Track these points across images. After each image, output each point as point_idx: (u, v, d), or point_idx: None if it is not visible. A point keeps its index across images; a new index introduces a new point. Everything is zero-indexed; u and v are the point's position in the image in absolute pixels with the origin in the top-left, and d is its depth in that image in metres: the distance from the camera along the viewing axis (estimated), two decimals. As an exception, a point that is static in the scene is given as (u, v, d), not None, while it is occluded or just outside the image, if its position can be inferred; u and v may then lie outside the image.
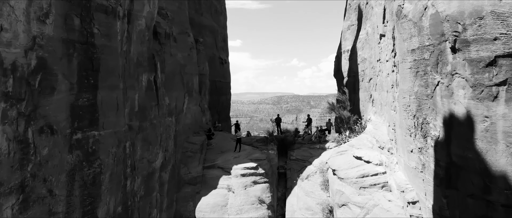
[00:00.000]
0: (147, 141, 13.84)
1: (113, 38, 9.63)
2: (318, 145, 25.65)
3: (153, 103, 14.65)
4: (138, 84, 12.67)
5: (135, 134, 12.10)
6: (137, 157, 12.21)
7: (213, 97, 36.66)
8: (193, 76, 26.21)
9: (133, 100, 12.24)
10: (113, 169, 9.48)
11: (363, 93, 26.85)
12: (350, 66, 33.03)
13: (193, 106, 26.00)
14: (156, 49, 15.87)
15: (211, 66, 36.98)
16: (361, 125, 25.49)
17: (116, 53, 9.76)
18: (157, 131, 15.05)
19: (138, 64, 12.48)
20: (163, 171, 15.90)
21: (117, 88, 9.88)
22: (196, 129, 26.19)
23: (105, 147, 9.40)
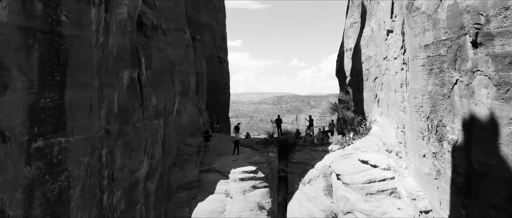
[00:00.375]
0: (129, 148, 12.44)
1: (86, 27, 8.28)
2: (321, 147, 24.49)
3: (136, 104, 13.21)
4: (118, 81, 11.31)
5: (114, 140, 10.77)
6: (116, 167, 10.81)
7: (211, 97, 35.50)
8: (190, 75, 25.05)
9: (112, 100, 10.94)
10: (85, 182, 8.14)
11: (367, 93, 25.68)
12: (353, 65, 31.87)
13: (189, 107, 24.84)
14: (141, 42, 14.36)
15: (210, 65, 35.83)
16: (365, 127, 24.33)
17: (89, 45, 8.40)
18: (141, 135, 13.64)
19: (118, 59, 11.08)
20: (148, 181, 14.41)
21: (90, 86, 8.54)
22: (193, 130, 25.02)
23: (75, 156, 8.03)
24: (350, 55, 34.57)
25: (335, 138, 24.33)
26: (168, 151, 18.65)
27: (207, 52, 35.37)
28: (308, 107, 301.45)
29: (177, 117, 23.29)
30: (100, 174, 8.92)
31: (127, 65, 12.23)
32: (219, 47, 40.08)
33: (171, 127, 19.66)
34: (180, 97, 23.87)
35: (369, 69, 24.93)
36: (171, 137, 20.12)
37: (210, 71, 35.94)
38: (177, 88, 23.34)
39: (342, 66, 37.65)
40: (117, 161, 11.02)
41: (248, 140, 27.07)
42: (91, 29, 8.39)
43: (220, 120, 38.00)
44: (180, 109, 23.79)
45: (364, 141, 21.28)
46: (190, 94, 25.03)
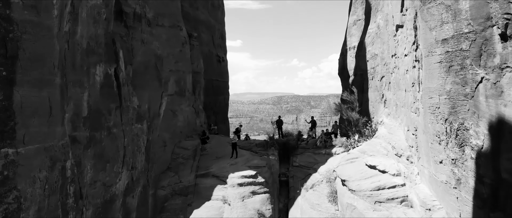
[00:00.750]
0: (103, 158, 10.77)
1: (44, 11, 6.85)
2: (324, 150, 23.22)
3: (113, 105, 11.51)
4: (89, 78, 9.77)
5: (82, 149, 9.25)
6: (86, 181, 9.26)
7: (209, 97, 34.22)
8: (186, 74, 23.79)
9: (80, 101, 9.39)
10: (42, 202, 6.66)
11: (373, 93, 24.40)
12: (357, 63, 30.59)
13: (185, 107, 23.57)
14: (121, 33, 12.52)
15: (208, 64, 34.55)
16: (371, 129, 23.05)
17: (49, 33, 6.99)
18: (119, 142, 11.93)
19: (90, 52, 9.59)
20: (129, 196, 12.58)
21: (49, 84, 7.03)
22: (189, 132, 23.75)
23: (27, 171, 6.51)
24: (354, 53, 33.30)
25: (339, 141, 23.07)
26: (153, 159, 16.78)
27: (205, 51, 34.11)
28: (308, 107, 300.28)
29: (172, 119, 22.04)
30: (64, 191, 7.45)
31: (101, 60, 10.62)
32: (218, 46, 38.81)
33: (157, 131, 17.84)
34: (175, 97, 22.63)
35: (375, 68, 23.66)
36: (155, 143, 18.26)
37: (208, 70, 34.67)
38: (171, 87, 22.09)
39: (344, 65, 36.37)
40: (87, 174, 9.45)
41: (247, 142, 25.81)
42: (52, 14, 6.95)
43: (219, 121, 36.73)
44: (176, 110, 22.54)
45: (370, 144, 19.99)
46: (187, 94, 23.77)
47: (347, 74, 35.04)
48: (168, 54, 22.14)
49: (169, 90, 21.98)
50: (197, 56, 25.63)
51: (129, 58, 12.67)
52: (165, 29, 22.17)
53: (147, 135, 15.22)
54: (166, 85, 21.76)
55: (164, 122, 21.30)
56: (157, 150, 20.39)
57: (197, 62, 25.50)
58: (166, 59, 21.88)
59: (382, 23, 21.65)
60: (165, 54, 21.84)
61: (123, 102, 11.82)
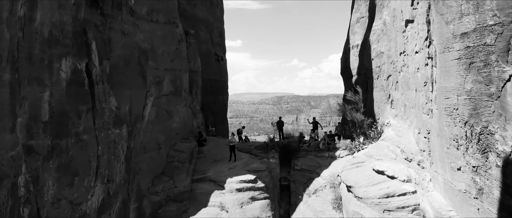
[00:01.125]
0: (70, 170, 9.17)
1: None
2: (327, 153, 22.10)
3: (83, 107, 10.05)
4: (52, 75, 8.23)
5: (41, 161, 7.78)
6: (47, 200, 7.77)
7: (207, 97, 33.12)
8: (182, 73, 22.67)
9: (38, 102, 7.89)
10: None
11: (378, 93, 23.28)
12: (361, 62, 29.48)
13: (181, 108, 22.45)
14: (95, 22, 10.76)
15: (206, 63, 33.45)
16: (376, 130, 21.95)
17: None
18: (90, 151, 10.27)
19: (53, 42, 8.00)
20: (104, 214, 10.93)
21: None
22: (185, 134, 22.63)
23: None
24: (357, 52, 32.18)
25: (343, 143, 21.94)
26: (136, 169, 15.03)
27: (203, 49, 32.99)
28: (308, 108, 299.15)
29: (167, 120, 20.94)
30: (15, 214, 6.25)
31: (68, 52, 9.07)
32: (217, 44, 37.69)
33: (141, 137, 16.18)
34: (171, 97, 21.54)
35: (381, 67, 22.54)
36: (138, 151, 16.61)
37: (207, 69, 33.57)
38: (166, 87, 20.99)
39: (347, 64, 35.25)
40: (48, 191, 7.89)
41: (246, 144, 24.68)
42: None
43: (217, 121, 35.61)
44: (171, 110, 21.43)
45: (377, 147, 18.87)
46: (183, 94, 22.65)
47: (350, 73, 33.93)
48: (163, 52, 21.04)
49: (164, 90, 20.88)
50: (194, 54, 24.53)
51: (105, 52, 11.19)
52: (160, 25, 21.09)
53: (128, 141, 13.47)
54: (161, 84, 20.66)
55: (159, 124, 20.19)
56: (151, 153, 19.30)
57: (194, 61, 24.40)
58: (161, 57, 20.78)
59: (389, 19, 20.53)
60: (160, 51, 20.74)
61: (96, 103, 10.36)
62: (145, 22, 19.82)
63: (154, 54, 20.20)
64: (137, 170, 15.60)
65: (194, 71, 24.42)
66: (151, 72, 19.86)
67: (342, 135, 24.10)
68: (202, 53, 32.68)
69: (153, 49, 20.16)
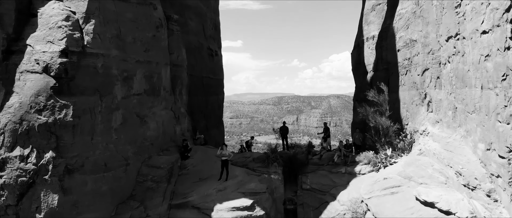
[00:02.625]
0: None
1: None
2: (344, 168, 17.43)
3: None
4: None
5: None
6: None
7: (198, 97, 28.45)
8: (161, 66, 17.99)
9: None
10: None
11: (407, 92, 18.62)
12: (380, 55, 24.80)
13: (160, 111, 17.78)
14: None
15: (197, 58, 28.81)
16: (406, 140, 17.31)
17: None
18: None
19: None
20: None
21: None
22: (165, 144, 17.95)
23: None
24: (373, 44, 27.52)
25: (364, 156, 17.27)
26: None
27: (193, 42, 28.34)
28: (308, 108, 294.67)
29: (138, 127, 16.27)
30: None
31: None
32: (210, 38, 33.01)
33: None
34: (145, 97, 16.87)
35: (411, 59, 17.86)
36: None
37: (198, 65, 28.93)
38: (137, 84, 16.34)
39: (360, 59, 30.58)
40: None
41: (242, 155, 19.94)
42: None
43: (211, 126, 30.94)
44: (145, 114, 16.76)
45: (415, 164, 14.19)
46: (162, 94, 17.97)
47: (364, 70, 29.28)
48: (135, 39, 16.39)
49: (135, 88, 16.22)
50: (178, 44, 19.84)
51: None
52: (131, 5, 16.44)
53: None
54: (130, 81, 16.01)
55: (127, 132, 15.55)
56: (114, 171, 14.65)
57: (178, 52, 19.71)
58: (131, 46, 16.15)
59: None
60: (129, 38, 16.10)
61: None
62: (108, 0, 15.19)
63: (120, 41, 15.57)
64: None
65: (178, 65, 19.74)
66: (115, 64, 15.23)
67: (361, 145, 19.42)
68: (191, 46, 28.04)
69: (119, 35, 15.53)
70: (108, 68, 14.86)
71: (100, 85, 14.49)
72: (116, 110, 15.14)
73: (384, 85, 18.35)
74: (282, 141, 20.58)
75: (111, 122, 14.90)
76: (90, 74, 14.23)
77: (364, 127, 23.98)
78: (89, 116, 14.09)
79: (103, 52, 14.69)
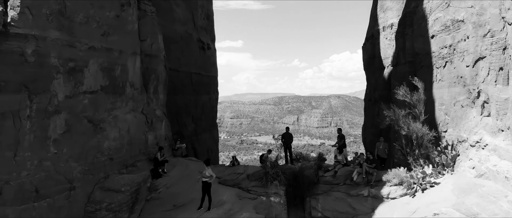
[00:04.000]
0: None
1: None
2: (367, 190, 13.22)
3: None
4: None
5: None
6: None
7: (185, 96, 24.27)
8: (127, 56, 13.81)
9: None
10: None
11: (446, 90, 14.42)
12: (402, 46, 20.59)
13: (124, 114, 13.57)
14: None
15: (184, 51, 24.64)
16: (447, 152, 13.13)
17: None
18: None
19: None
20: None
21: None
22: (131, 157, 13.73)
23: None
24: (392, 33, 23.31)
25: (394, 174, 13.04)
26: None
27: (180, 31, 24.17)
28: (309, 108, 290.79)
29: (91, 137, 12.08)
30: None
31: None
32: (201, 29, 28.81)
33: None
34: (102, 96, 12.70)
35: (455, 45, 13.65)
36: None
37: (186, 59, 24.77)
38: (90, 79, 12.16)
39: (374, 53, 26.40)
40: None
41: (233, 170, 15.57)
42: None
43: (201, 130, 26.75)
44: (102, 119, 12.56)
45: (476, 192, 9.94)
46: (127, 92, 13.77)
47: (380, 65, 25.09)
48: (87, 19, 12.21)
49: (86, 84, 12.04)
50: (153, 30, 15.61)
51: None
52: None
53: None
54: (79, 74, 11.84)
55: (73, 144, 11.38)
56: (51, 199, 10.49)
57: (152, 39, 15.49)
58: (81, 28, 11.97)
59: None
60: (79, 17, 11.94)
61: None
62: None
63: (65, 20, 11.39)
64: None
65: (152, 56, 15.53)
66: (55, 51, 11.04)
67: (385, 158, 15.17)
68: (177, 36, 23.87)
69: (63, 11, 11.35)
70: (43, 55, 10.69)
71: (30, 79, 10.34)
72: (56, 113, 10.98)
73: (419, 80, 14.08)
74: (284, 152, 16.31)
75: (48, 131, 10.74)
76: (14, 63, 10.07)
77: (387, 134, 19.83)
78: (11, 123, 9.94)
79: (36, 34, 10.54)
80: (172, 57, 22.60)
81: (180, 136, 21.63)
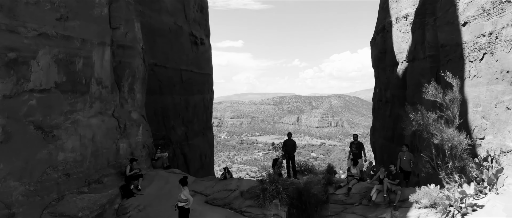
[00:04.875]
0: None
1: None
2: (389, 212, 10.61)
3: None
4: None
5: None
6: None
7: (173, 97, 21.65)
8: (93, 47, 11.21)
9: None
10: None
11: (485, 88, 11.83)
12: (420, 38, 18.00)
13: (87, 119, 10.97)
14: None
15: (173, 46, 22.03)
16: (486, 165, 10.54)
17: None
18: None
19: None
20: None
21: None
22: (96, 172, 11.13)
23: None
24: (407, 25, 20.69)
25: (424, 194, 10.43)
26: None
27: (168, 23, 21.54)
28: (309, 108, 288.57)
29: (40, 148, 9.47)
30: None
31: None
32: (194, 22, 26.23)
33: None
34: (57, 95, 10.09)
35: (497, 33, 11.04)
36: None
37: (175, 54, 22.17)
38: (39, 75, 9.55)
39: (386, 47, 23.82)
40: None
41: (224, 185, 12.84)
42: None
43: (193, 134, 24.14)
44: (56, 125, 9.95)
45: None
46: (93, 90, 11.19)
47: (392, 60, 22.50)
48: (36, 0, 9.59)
49: (33, 81, 9.43)
50: (128, 16, 13.00)
51: None
52: None
53: None
54: (24, 68, 9.23)
55: (14, 158, 8.78)
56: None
57: (127, 27, 12.88)
58: (27, 9, 9.37)
59: None
60: (24, -5, 9.29)
61: None
62: None
63: None
64: None
65: (126, 47, 12.91)
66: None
67: (410, 172, 12.53)
68: (165, 29, 21.24)
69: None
70: (-33, 42, 8.10)
71: None
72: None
73: (454, 77, 11.43)
74: (286, 163, 13.67)
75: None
76: None
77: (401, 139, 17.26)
78: None
79: (-42, 13, 7.93)
80: (158, 52, 20.03)
81: (167, 141, 19.06)
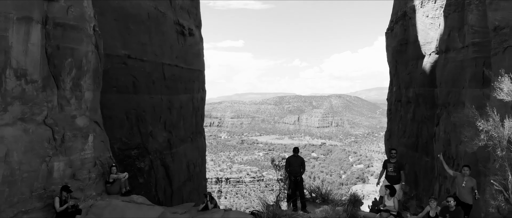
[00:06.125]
0: None
1: None
2: None
3: None
4: None
5: None
6: None
7: (152, 96, 17.96)
8: (11, 23, 7.60)
9: None
10: None
11: None
12: (458, 23, 14.35)
13: (1, 128, 7.35)
14: None
15: (153, 35, 18.38)
16: None
17: None
18: None
19: None
20: None
21: None
22: (11, 206, 7.53)
23: None
24: (436, 8, 17.03)
25: None
26: None
27: (146, 8, 17.92)
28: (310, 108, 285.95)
29: None
30: None
31: None
32: (182, 9, 22.58)
33: None
34: None
35: None
36: None
37: (155, 46, 18.55)
38: None
39: (407, 37, 20.17)
40: None
41: (209, 215, 9.20)
42: None
43: (178, 140, 20.44)
44: None
45: None
46: (8, 86, 7.60)
47: (417, 53, 18.81)
48: None
49: None
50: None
51: None
52: None
53: None
54: None
55: None
56: None
57: (70, 1, 9.28)
58: None
59: None
60: None
61: None
62: None
63: None
64: None
65: (67, 27, 9.19)
66: None
67: (471, 205, 8.79)
68: (142, 14, 17.57)
69: None
70: None
71: None
72: None
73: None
74: (289, 186, 9.91)
75: None
76: None
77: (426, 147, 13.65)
78: None
79: None
80: (132, 41, 16.45)
81: (142, 151, 15.44)
